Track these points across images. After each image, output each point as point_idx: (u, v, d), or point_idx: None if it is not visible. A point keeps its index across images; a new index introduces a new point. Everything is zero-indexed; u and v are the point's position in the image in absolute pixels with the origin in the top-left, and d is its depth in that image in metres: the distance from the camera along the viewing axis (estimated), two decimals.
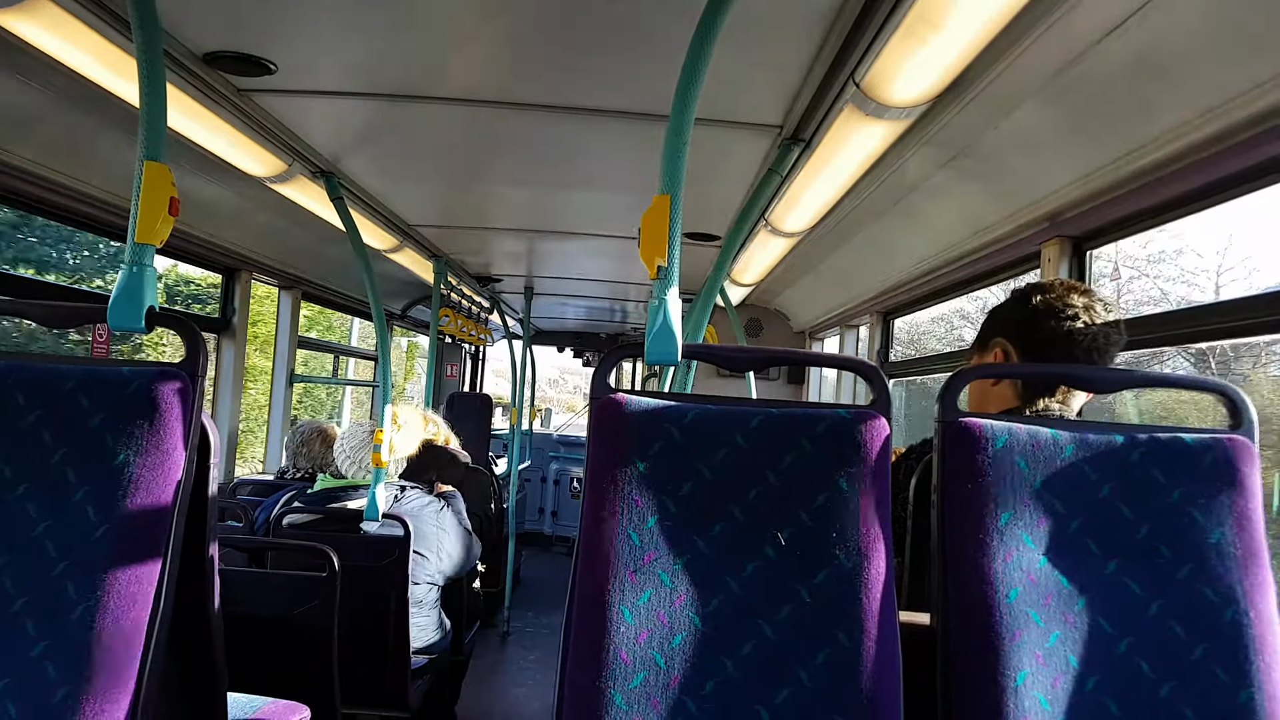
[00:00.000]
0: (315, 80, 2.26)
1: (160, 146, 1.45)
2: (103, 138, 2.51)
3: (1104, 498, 1.36)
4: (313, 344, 4.88)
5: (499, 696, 4.48)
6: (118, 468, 1.34)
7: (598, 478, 1.34)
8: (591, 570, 1.30)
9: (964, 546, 1.34)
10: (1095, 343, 1.58)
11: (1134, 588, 1.33)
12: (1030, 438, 1.37)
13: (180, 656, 1.46)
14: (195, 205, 3.11)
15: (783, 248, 3.57)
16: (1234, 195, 1.78)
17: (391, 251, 4.22)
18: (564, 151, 2.78)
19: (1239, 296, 1.82)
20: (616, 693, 1.25)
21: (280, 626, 2.32)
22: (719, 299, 4.00)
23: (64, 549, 1.31)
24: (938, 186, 2.55)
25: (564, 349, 9.28)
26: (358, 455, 3.07)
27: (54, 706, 1.23)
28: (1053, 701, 1.28)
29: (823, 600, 1.29)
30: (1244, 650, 1.31)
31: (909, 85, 1.81)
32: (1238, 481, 1.37)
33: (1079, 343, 1.58)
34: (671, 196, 1.40)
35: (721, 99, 2.17)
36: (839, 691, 1.25)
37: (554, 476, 8.78)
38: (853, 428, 1.35)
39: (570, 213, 3.70)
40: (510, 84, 2.25)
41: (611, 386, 1.39)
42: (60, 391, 1.38)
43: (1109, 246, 2.27)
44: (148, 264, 1.45)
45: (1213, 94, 1.59)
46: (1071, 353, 1.58)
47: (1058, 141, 2.01)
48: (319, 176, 2.98)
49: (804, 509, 1.32)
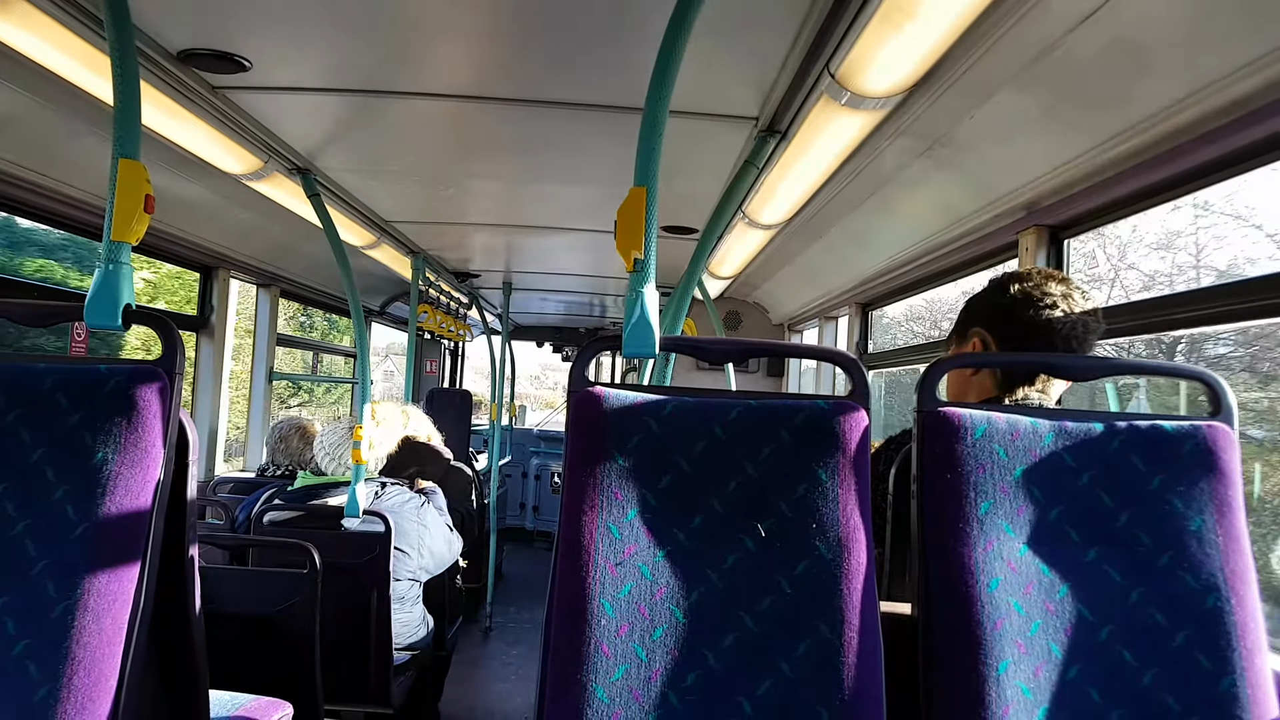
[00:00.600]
0: (290, 76, 2.24)
1: (135, 144, 1.44)
2: (77, 137, 2.48)
3: (1084, 486, 1.37)
4: (291, 341, 4.84)
5: (482, 692, 4.48)
6: (96, 466, 1.33)
7: (577, 471, 1.34)
8: (572, 564, 1.30)
9: (944, 536, 1.35)
10: (1074, 331, 1.58)
11: (1114, 575, 1.34)
12: (1009, 426, 1.38)
13: (161, 654, 1.45)
14: (172, 204, 3.09)
15: (760, 240, 3.58)
16: (1210, 182, 1.79)
17: (369, 248, 4.20)
18: (540, 146, 2.77)
19: (1208, 285, 1.84)
20: (598, 686, 1.25)
21: (262, 624, 2.31)
22: (697, 292, 4.01)
23: (43, 548, 1.31)
24: (914, 177, 2.56)
25: (543, 344, 9.26)
26: (337, 452, 3.06)
27: (35, 705, 1.23)
28: (1035, 690, 1.28)
29: (804, 591, 1.29)
30: (1225, 637, 1.31)
31: (884, 75, 1.82)
32: (1218, 468, 1.37)
33: (1058, 331, 1.58)
34: (647, 189, 1.40)
35: (697, 91, 2.17)
36: (821, 682, 1.26)
37: (534, 472, 8.78)
38: (831, 419, 1.35)
39: (547, 207, 3.69)
40: (485, 79, 2.24)
41: (590, 380, 1.39)
42: (38, 390, 1.38)
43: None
44: (124, 262, 1.44)
45: (1188, 81, 1.60)
46: (1051, 341, 1.58)
47: (1033, 130, 2.02)
48: (295, 173, 2.96)
49: (783, 500, 1.33)
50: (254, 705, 2.05)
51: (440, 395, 6.40)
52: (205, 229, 3.50)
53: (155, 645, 1.39)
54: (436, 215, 3.96)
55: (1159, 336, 2.52)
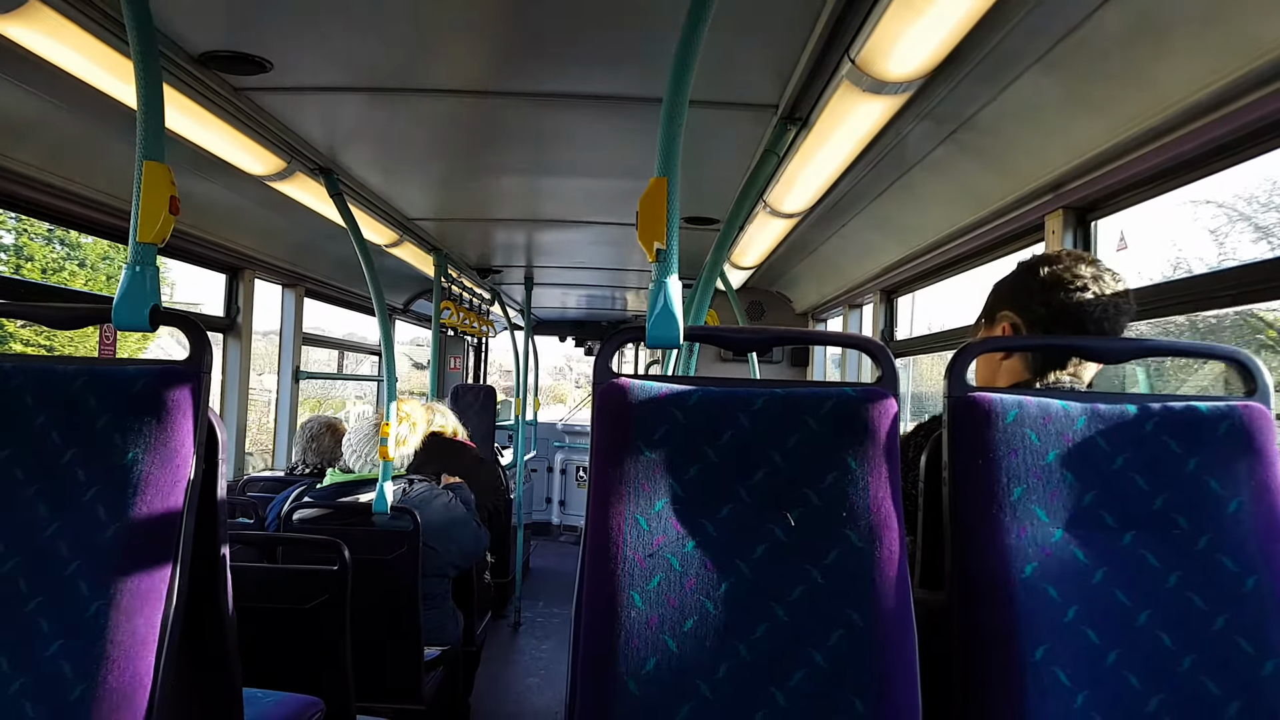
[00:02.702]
0: (311, 77, 2.25)
1: (159, 146, 1.45)
2: (102, 141, 2.51)
3: (1118, 469, 1.35)
4: (318, 340, 4.88)
5: (512, 687, 4.50)
6: (126, 466, 1.34)
7: (603, 464, 1.34)
8: (600, 557, 1.30)
9: (976, 523, 1.34)
10: (1105, 313, 1.55)
11: (1151, 559, 1.32)
12: (1041, 411, 1.36)
13: (195, 652, 1.46)
14: (197, 206, 3.12)
15: (782, 229, 3.56)
16: (1239, 160, 1.76)
17: (392, 246, 4.22)
18: (560, 139, 2.77)
19: (1242, 264, 1.80)
20: (629, 679, 1.24)
21: (293, 620, 2.33)
22: (719, 283, 4.00)
23: (76, 548, 1.32)
24: (937, 161, 2.53)
25: (565, 339, 9.27)
26: (364, 449, 3.07)
27: (70, 705, 1.24)
28: (1072, 677, 1.26)
29: (835, 580, 1.28)
30: (1267, 620, 1.29)
31: (905, 59, 1.80)
32: (1254, 449, 1.35)
33: (1089, 314, 1.55)
34: (669, 179, 1.39)
35: (716, 80, 2.16)
36: (854, 672, 1.25)
37: (560, 466, 8.81)
38: (860, 406, 1.34)
39: (568, 201, 3.69)
40: (503, 73, 2.24)
41: (614, 371, 1.38)
42: (68, 392, 1.39)
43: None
44: (151, 263, 1.45)
45: (1212, 56, 1.57)
46: (1082, 324, 1.55)
47: (1057, 111, 1.99)
48: (318, 173, 2.98)
49: (812, 489, 1.32)
50: (287, 702, 2.07)
51: (464, 391, 6.42)
52: (230, 230, 3.53)
53: (188, 644, 1.40)
54: (457, 211, 3.97)
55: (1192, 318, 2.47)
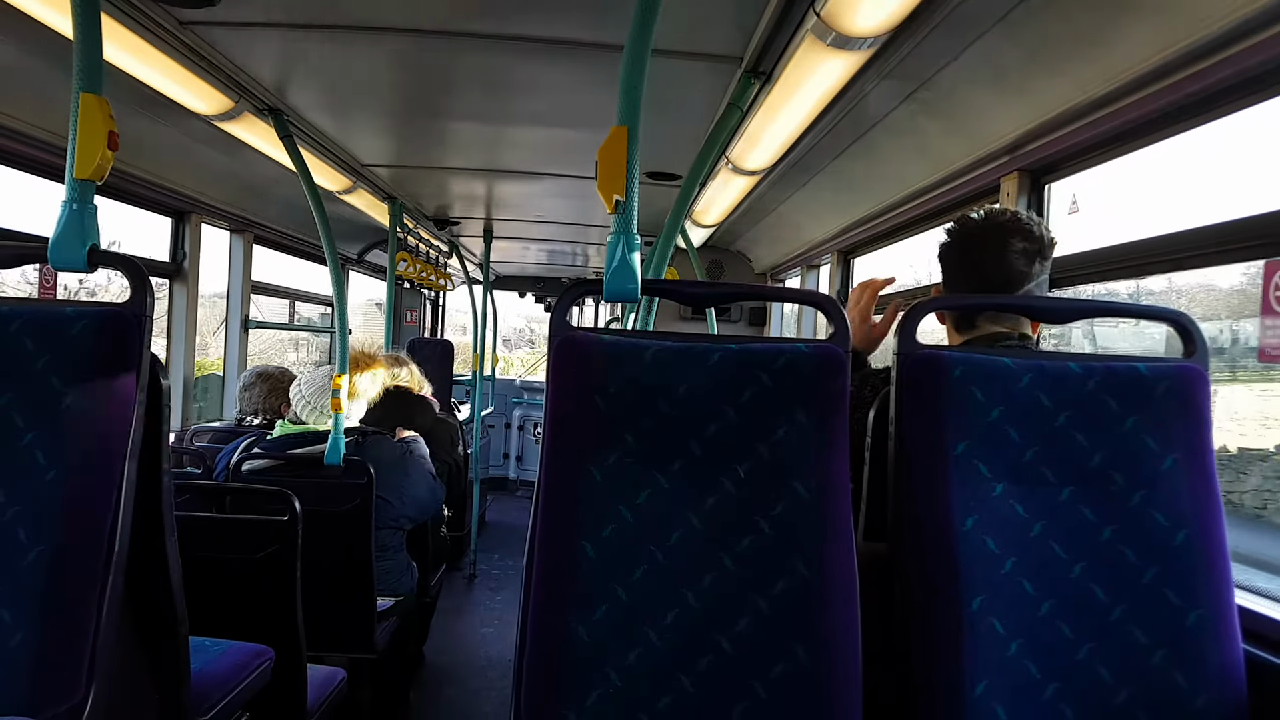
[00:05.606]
0: (260, 12, 2.18)
1: (97, 79, 1.40)
2: (39, 73, 2.40)
3: (1060, 426, 1.38)
4: (267, 289, 4.78)
5: (466, 636, 4.52)
6: (65, 410, 1.31)
7: (558, 416, 1.34)
8: (553, 508, 1.30)
9: (921, 476, 1.36)
10: (1007, 269, 1.60)
11: (1087, 514, 1.36)
12: (987, 368, 1.38)
13: (138, 601, 1.44)
14: (140, 145, 3.02)
15: (744, 186, 3.55)
16: (1191, 124, 1.78)
17: (345, 193, 4.13)
18: (519, 86, 2.72)
19: (1184, 229, 1.83)
20: (579, 625, 1.26)
21: (243, 570, 2.31)
22: (680, 240, 3.98)
23: (13, 494, 1.29)
24: (897, 121, 2.53)
25: (525, 294, 9.21)
26: (317, 400, 3.03)
27: (9, 652, 1.22)
28: (1007, 626, 1.30)
29: (782, 531, 1.30)
30: (1193, 572, 1.34)
31: (869, 13, 1.79)
32: (1190, 409, 1.39)
33: (987, 272, 1.62)
34: (629, 128, 1.37)
35: (680, 29, 2.12)
36: (798, 619, 1.27)
37: (518, 422, 8.80)
38: (811, 361, 1.35)
39: (529, 151, 3.63)
40: (459, 13, 2.18)
41: (571, 325, 1.38)
42: (4, 333, 1.35)
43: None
44: (89, 201, 1.41)
45: (1166, 24, 1.58)
46: (987, 280, 1.61)
47: (1017, 73, 2.00)
48: (267, 114, 2.89)
49: (762, 442, 1.33)
50: (235, 650, 2.05)
51: (421, 345, 6.36)
52: (175, 173, 3.42)
53: (131, 592, 1.38)
54: (413, 159, 3.89)
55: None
